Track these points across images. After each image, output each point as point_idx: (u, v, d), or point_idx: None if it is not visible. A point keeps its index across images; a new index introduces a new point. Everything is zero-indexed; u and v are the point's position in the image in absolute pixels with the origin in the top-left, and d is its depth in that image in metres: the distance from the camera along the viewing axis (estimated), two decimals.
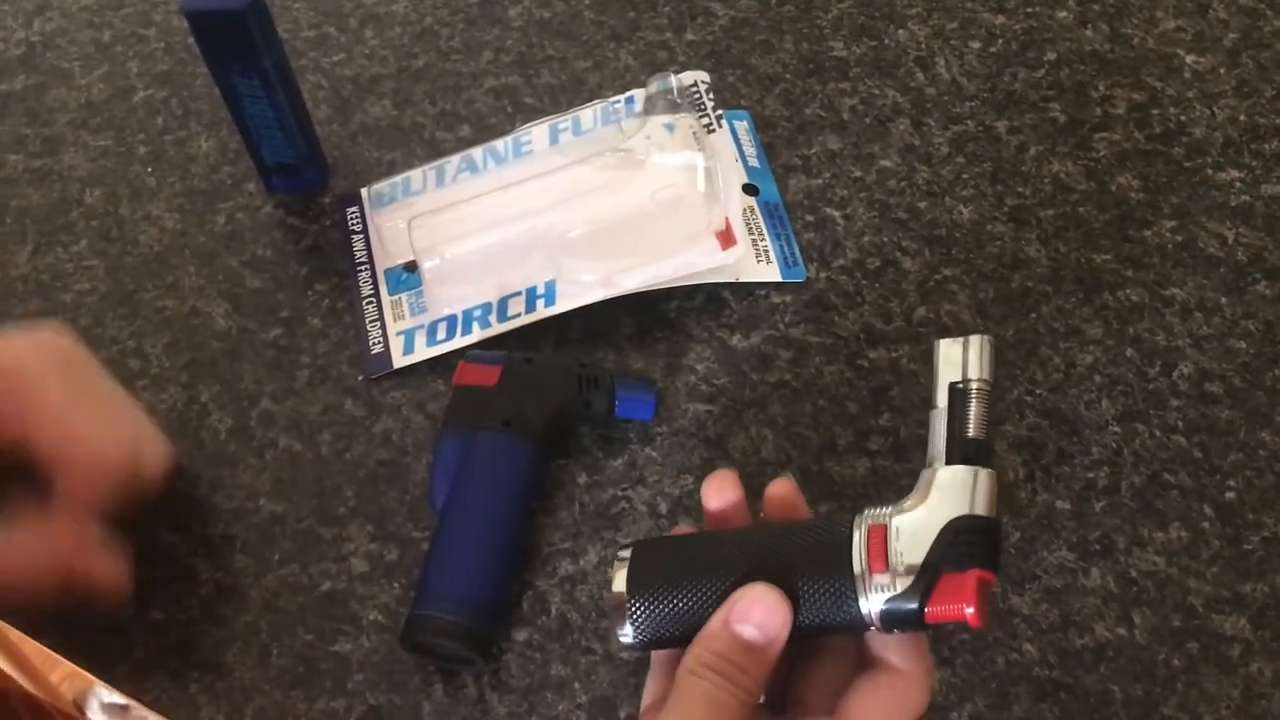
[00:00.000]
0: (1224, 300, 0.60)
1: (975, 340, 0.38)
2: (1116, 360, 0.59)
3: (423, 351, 0.59)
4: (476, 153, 0.63)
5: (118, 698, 0.48)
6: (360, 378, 0.59)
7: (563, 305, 0.58)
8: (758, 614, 0.38)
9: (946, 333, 0.59)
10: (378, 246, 0.62)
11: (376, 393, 0.59)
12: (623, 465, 0.57)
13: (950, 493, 0.37)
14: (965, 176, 0.64)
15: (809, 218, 0.63)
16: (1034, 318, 0.60)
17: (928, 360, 0.59)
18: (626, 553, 0.41)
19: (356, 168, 0.66)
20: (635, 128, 0.61)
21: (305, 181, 0.64)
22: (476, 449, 0.53)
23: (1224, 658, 0.51)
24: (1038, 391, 0.58)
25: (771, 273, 0.61)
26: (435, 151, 0.66)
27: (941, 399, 0.38)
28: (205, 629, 0.53)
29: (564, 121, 0.63)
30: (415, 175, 0.63)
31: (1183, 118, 0.66)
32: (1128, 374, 0.58)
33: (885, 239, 0.62)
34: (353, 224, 0.64)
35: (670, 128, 0.60)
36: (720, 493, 0.44)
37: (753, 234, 0.62)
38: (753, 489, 0.55)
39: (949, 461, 0.37)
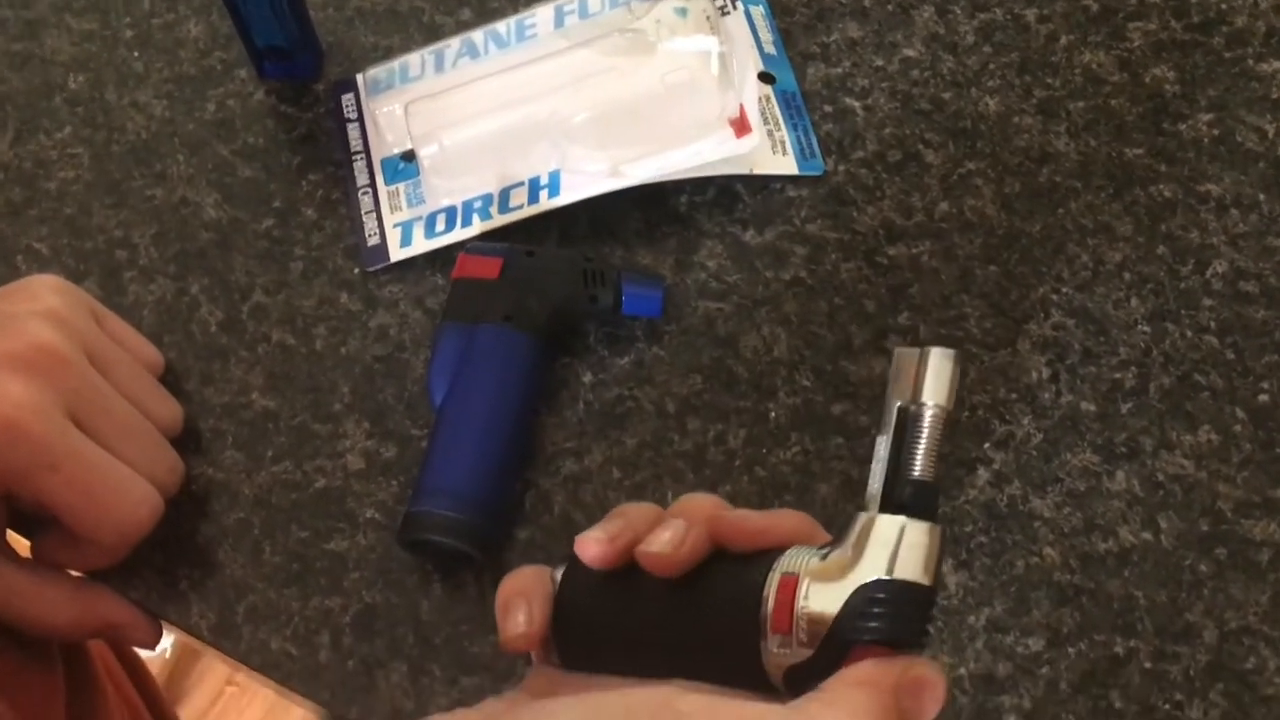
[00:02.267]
0: (1262, 197, 0.57)
1: (934, 355, 0.32)
2: (1147, 258, 0.56)
3: (421, 244, 0.56)
4: (477, 36, 0.60)
5: None
6: (356, 271, 0.57)
7: (567, 197, 0.55)
8: (929, 699, 0.31)
9: (969, 229, 0.57)
10: (374, 135, 0.59)
11: (373, 286, 0.56)
12: (629, 364, 0.54)
13: (873, 548, 0.31)
14: (992, 67, 0.61)
15: (827, 108, 0.60)
16: (1061, 213, 0.57)
17: (949, 257, 0.57)
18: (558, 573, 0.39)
19: (352, 54, 0.63)
20: (645, 9, 0.57)
21: (299, 67, 0.61)
22: (477, 343, 0.51)
23: (1252, 563, 0.49)
24: (1064, 290, 0.55)
25: (787, 165, 0.58)
26: (434, 36, 0.63)
27: (889, 423, 0.33)
28: (195, 526, 0.51)
29: (570, 3, 0.60)
30: (413, 60, 0.60)
31: (1223, 5, 0.63)
32: (1159, 272, 0.56)
33: (907, 131, 0.59)
34: (348, 112, 0.61)
35: (682, 11, 0.57)
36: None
37: (768, 124, 0.59)
38: (763, 390, 0.53)
39: (883, 507, 0.32)
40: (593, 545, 0.37)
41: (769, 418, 0.53)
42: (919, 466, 0.32)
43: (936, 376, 0.32)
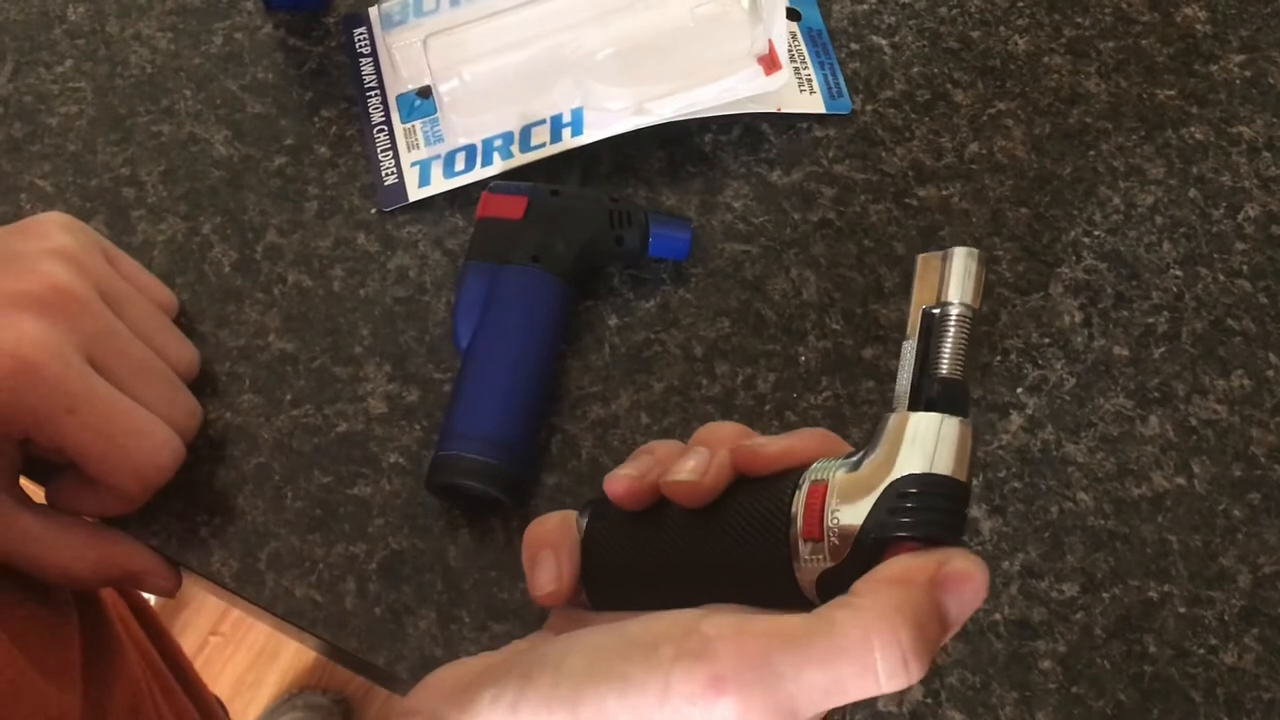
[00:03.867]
0: None
1: (958, 255, 0.31)
2: (1179, 201, 0.55)
3: (440, 183, 0.55)
4: None
5: None
6: (373, 211, 0.55)
7: (590, 135, 0.54)
8: (969, 593, 0.29)
9: (1000, 170, 0.56)
10: (388, 70, 0.57)
11: (391, 227, 0.55)
12: (655, 307, 0.53)
13: (904, 445, 0.30)
14: (1021, 5, 0.60)
15: (854, 46, 0.59)
16: (1092, 155, 0.56)
17: (980, 198, 0.56)
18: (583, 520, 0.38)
19: None
20: None
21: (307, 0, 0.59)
22: (503, 283, 0.50)
23: None
24: (1096, 233, 0.54)
25: (815, 104, 0.57)
26: None
27: (914, 327, 0.32)
28: (214, 470, 0.50)
29: None
30: None
31: None
32: (1191, 215, 0.55)
33: (936, 70, 0.58)
34: (360, 46, 0.59)
35: None
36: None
37: (795, 62, 0.57)
38: (792, 333, 0.53)
39: (911, 406, 0.31)
40: (623, 483, 0.36)
41: (799, 362, 0.52)
42: (946, 365, 0.31)
43: (961, 276, 0.31)
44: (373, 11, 0.59)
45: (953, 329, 0.31)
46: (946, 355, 0.31)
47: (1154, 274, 0.54)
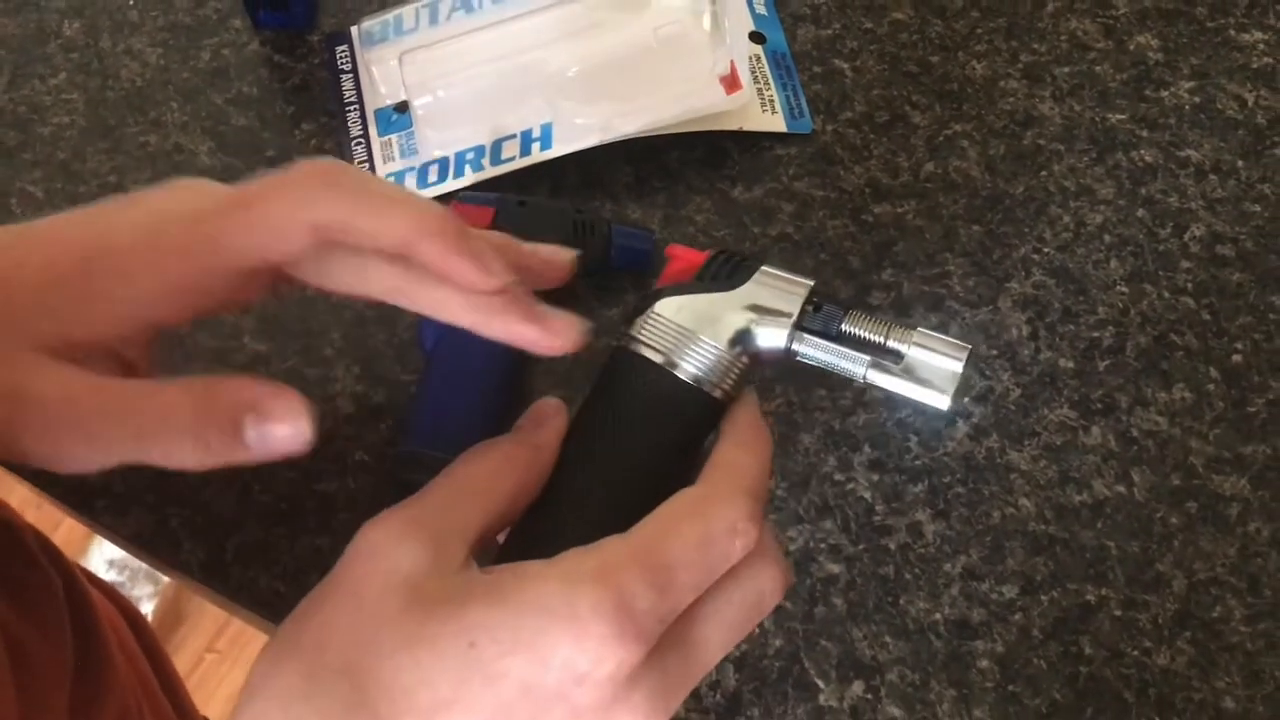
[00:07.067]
0: (1240, 163, 0.58)
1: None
2: (1127, 220, 0.57)
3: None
4: None
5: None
6: None
7: (559, 149, 0.56)
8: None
9: (954, 189, 0.58)
10: (367, 86, 0.60)
11: None
12: (617, 316, 0.55)
13: None
14: (979, 31, 0.62)
15: (817, 69, 0.61)
16: (1044, 176, 0.58)
17: (934, 216, 0.58)
18: None
19: (346, 5, 0.63)
20: None
21: (293, 18, 0.62)
22: None
23: (1222, 517, 0.50)
24: (1045, 250, 0.56)
25: (776, 123, 0.59)
26: None
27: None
28: None
29: None
30: (407, 12, 0.60)
31: None
32: (1138, 234, 0.57)
33: (895, 92, 0.60)
34: (342, 63, 0.61)
35: None
36: None
37: (758, 83, 0.59)
38: None
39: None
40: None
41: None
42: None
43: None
44: (354, 30, 0.62)
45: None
46: None
47: (1101, 290, 0.55)
